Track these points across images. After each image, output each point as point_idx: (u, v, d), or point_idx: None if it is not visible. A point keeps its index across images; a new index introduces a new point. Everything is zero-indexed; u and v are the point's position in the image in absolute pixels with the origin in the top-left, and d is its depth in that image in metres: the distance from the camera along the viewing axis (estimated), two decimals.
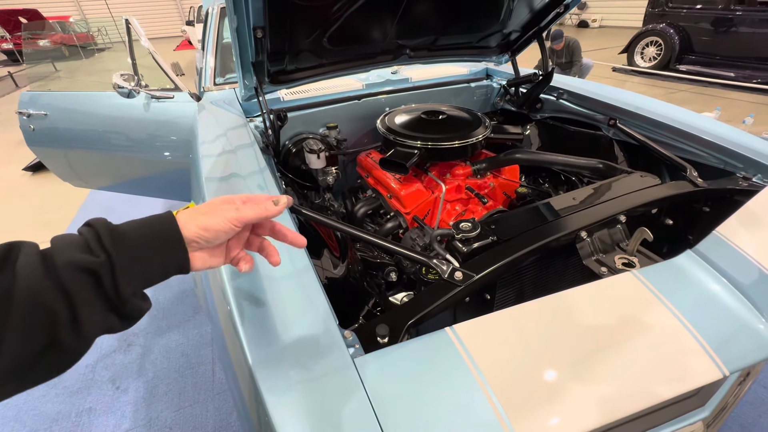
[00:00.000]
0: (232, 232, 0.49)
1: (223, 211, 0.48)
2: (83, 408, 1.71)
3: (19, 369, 0.37)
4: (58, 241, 0.42)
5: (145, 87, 1.86)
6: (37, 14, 11.52)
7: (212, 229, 0.47)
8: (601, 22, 13.10)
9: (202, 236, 0.47)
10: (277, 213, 0.52)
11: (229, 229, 0.48)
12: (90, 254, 0.40)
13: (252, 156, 1.17)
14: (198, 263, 0.49)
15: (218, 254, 0.52)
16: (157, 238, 0.45)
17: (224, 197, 0.52)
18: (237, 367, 0.65)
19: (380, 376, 0.58)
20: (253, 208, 0.50)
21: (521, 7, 1.57)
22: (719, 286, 0.74)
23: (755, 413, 1.52)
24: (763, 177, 1.12)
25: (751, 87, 5.57)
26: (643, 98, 1.58)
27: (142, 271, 0.44)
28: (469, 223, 0.95)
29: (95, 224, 0.43)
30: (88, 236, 0.42)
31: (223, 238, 0.50)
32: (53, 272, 0.38)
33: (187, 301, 2.30)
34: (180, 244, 0.46)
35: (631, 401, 0.59)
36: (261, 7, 1.10)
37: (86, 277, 0.39)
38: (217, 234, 0.48)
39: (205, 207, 0.49)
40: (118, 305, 0.42)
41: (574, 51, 4.97)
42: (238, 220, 0.49)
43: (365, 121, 1.87)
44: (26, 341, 0.36)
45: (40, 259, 0.39)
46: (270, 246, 0.57)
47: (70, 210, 3.41)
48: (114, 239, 0.42)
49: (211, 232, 0.47)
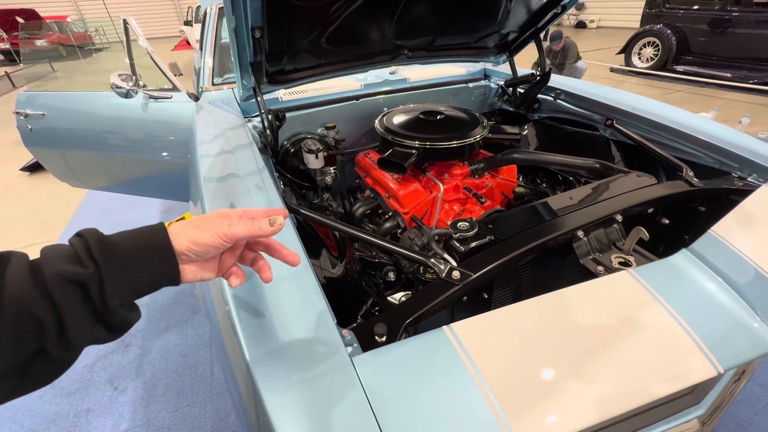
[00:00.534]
0: (222, 247, 0.49)
1: (214, 226, 0.48)
2: (81, 408, 1.71)
3: (8, 376, 0.37)
4: (47, 252, 0.42)
5: (143, 87, 1.86)
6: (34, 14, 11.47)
7: (202, 243, 0.47)
8: (599, 22, 13.15)
9: (192, 249, 0.47)
10: (271, 233, 0.51)
11: (219, 245, 0.48)
12: (78, 265, 0.41)
13: (250, 156, 1.17)
14: (189, 275, 0.49)
15: (210, 267, 0.52)
16: (147, 250, 0.45)
17: (221, 211, 0.52)
18: (235, 366, 0.65)
19: (378, 375, 0.59)
20: (246, 226, 0.49)
21: (519, 8, 1.57)
22: (714, 284, 0.75)
23: (751, 411, 1.53)
24: (759, 177, 1.13)
25: (748, 87, 5.60)
26: (640, 98, 1.59)
27: (131, 282, 0.44)
28: (466, 223, 0.96)
29: (86, 234, 0.43)
30: (77, 247, 0.42)
31: (214, 253, 0.49)
32: (41, 283, 0.38)
33: (186, 302, 2.29)
34: (170, 257, 0.46)
35: (627, 399, 0.59)
36: (259, 8, 1.10)
37: (74, 288, 0.40)
38: (207, 248, 0.48)
39: (198, 220, 0.49)
40: (104, 316, 0.42)
41: (568, 54, 4.97)
42: (228, 237, 0.48)
43: (363, 121, 1.88)
44: (14, 347, 0.37)
45: (28, 269, 0.39)
46: (264, 262, 0.57)
47: (67, 210, 3.40)
48: (103, 250, 0.42)
49: (201, 247, 0.47)
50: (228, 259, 0.54)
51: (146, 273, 0.45)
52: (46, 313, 0.38)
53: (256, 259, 0.57)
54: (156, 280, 0.46)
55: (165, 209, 3.29)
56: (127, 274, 0.43)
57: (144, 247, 0.45)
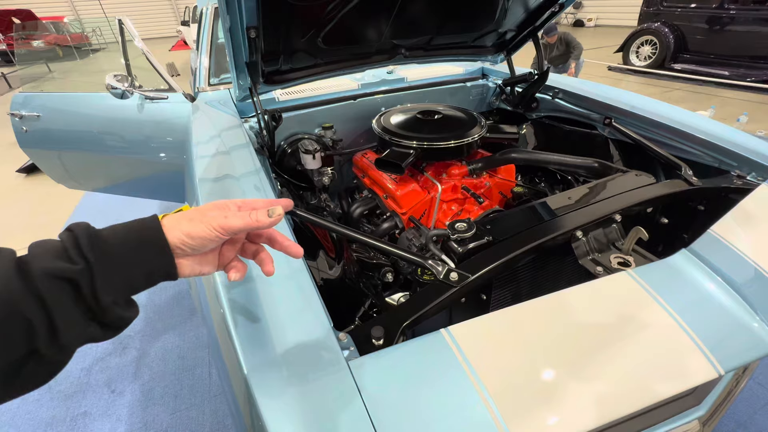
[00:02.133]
0: (219, 240, 0.47)
1: (209, 218, 0.46)
2: (78, 412, 1.70)
3: None
4: (35, 248, 0.40)
5: (139, 88, 1.85)
6: (30, 15, 11.42)
7: (197, 236, 0.45)
8: (597, 21, 13.15)
9: (186, 243, 0.45)
10: (269, 225, 0.48)
11: (215, 238, 0.46)
12: (68, 261, 0.39)
13: (246, 157, 1.16)
14: (186, 270, 0.47)
15: (209, 261, 0.50)
16: (140, 244, 0.43)
17: (218, 202, 0.49)
18: (231, 370, 0.64)
19: (375, 379, 0.58)
20: (243, 218, 0.47)
21: (516, 7, 1.57)
22: (714, 284, 0.74)
23: (751, 410, 1.52)
24: (758, 175, 1.12)
25: (745, 85, 5.60)
26: (638, 97, 1.59)
27: (125, 278, 0.42)
28: (464, 224, 0.95)
29: (75, 229, 0.42)
30: (66, 242, 0.40)
31: (210, 246, 0.47)
32: (29, 281, 0.37)
33: (184, 303, 2.28)
34: (165, 250, 0.44)
35: (626, 401, 0.59)
36: (254, 7, 1.09)
37: (63, 285, 0.38)
38: (202, 242, 0.46)
39: (193, 212, 0.47)
40: (98, 314, 0.40)
41: (569, 42, 4.89)
42: (224, 229, 0.46)
43: (361, 121, 1.87)
44: (4, 349, 0.35)
45: (15, 266, 0.37)
46: (266, 254, 0.55)
47: (64, 212, 3.38)
48: (93, 245, 0.40)
49: (196, 240, 0.45)
50: (228, 252, 0.52)
51: (140, 268, 0.43)
52: (36, 313, 0.36)
53: (258, 251, 0.55)
54: (150, 275, 0.44)
55: (162, 210, 3.27)
56: (119, 270, 0.41)
57: (136, 240, 0.43)
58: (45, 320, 0.37)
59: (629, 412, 0.58)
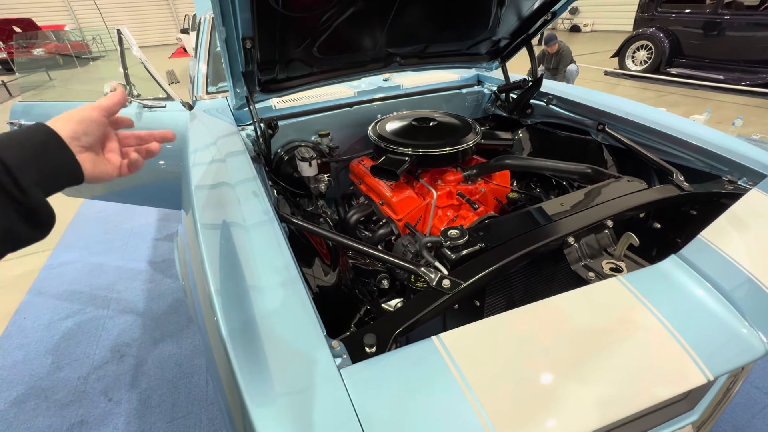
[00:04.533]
0: (101, 122, 0.52)
1: (82, 107, 0.52)
2: (75, 421, 1.69)
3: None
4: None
5: (137, 96, 1.87)
6: (31, 24, 11.50)
7: (84, 119, 0.49)
8: (593, 26, 13.27)
9: (77, 131, 0.48)
10: (118, 99, 0.55)
11: (96, 118, 0.51)
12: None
13: (243, 164, 1.17)
14: (89, 166, 0.50)
15: (103, 160, 0.53)
16: (38, 143, 0.44)
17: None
18: (223, 377, 0.64)
19: (366, 387, 0.58)
20: (106, 99, 0.53)
21: (509, 15, 1.59)
22: (703, 290, 0.75)
23: (748, 414, 1.52)
24: (748, 180, 1.13)
25: (740, 89, 5.65)
26: (631, 103, 1.60)
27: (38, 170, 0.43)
28: (457, 231, 0.96)
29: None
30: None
31: (96, 130, 0.51)
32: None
33: (181, 311, 2.28)
34: (63, 145, 0.46)
35: (617, 407, 0.59)
36: (249, 18, 1.11)
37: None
38: (89, 124, 0.50)
39: (67, 112, 0.51)
40: (18, 197, 0.40)
41: (562, 58, 5.01)
42: (99, 108, 0.52)
43: (357, 128, 1.88)
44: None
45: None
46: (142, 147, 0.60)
47: (62, 220, 3.39)
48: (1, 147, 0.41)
49: (84, 123, 0.49)
50: (113, 152, 0.55)
51: (46, 167, 0.44)
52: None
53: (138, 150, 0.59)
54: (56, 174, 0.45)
55: (161, 217, 3.28)
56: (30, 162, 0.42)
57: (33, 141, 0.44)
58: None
59: (620, 417, 0.59)
